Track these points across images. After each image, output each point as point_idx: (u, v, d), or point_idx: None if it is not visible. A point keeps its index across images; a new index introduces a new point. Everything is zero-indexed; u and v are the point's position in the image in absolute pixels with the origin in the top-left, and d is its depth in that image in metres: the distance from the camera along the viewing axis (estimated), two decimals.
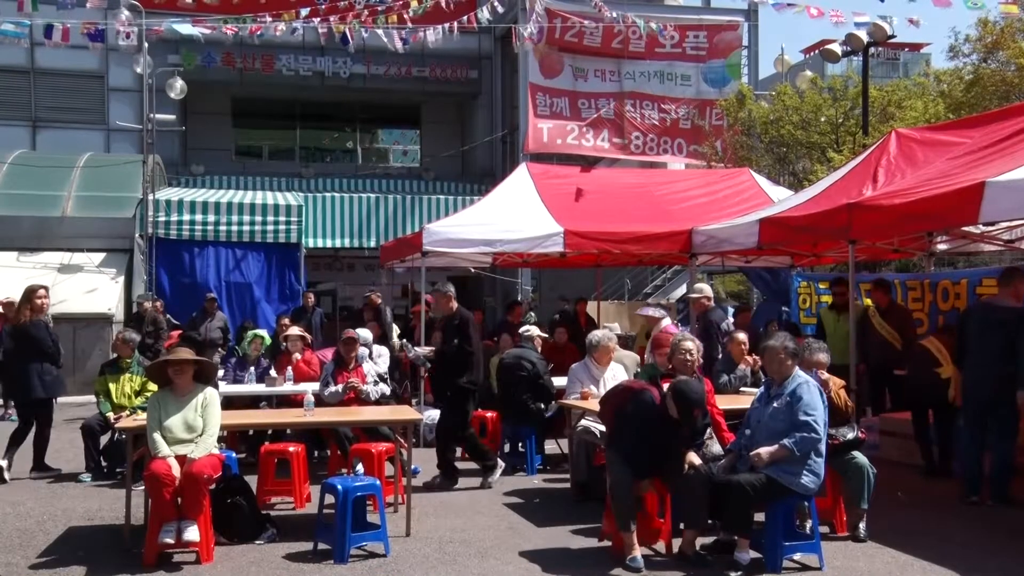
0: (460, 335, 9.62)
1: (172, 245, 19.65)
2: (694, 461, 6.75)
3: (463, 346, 9.61)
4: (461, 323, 9.71)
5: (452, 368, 9.67)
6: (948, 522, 7.92)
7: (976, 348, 8.67)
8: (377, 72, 29.10)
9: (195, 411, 7.24)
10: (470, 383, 9.74)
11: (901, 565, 6.64)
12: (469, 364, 9.71)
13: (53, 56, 26.66)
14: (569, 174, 15.33)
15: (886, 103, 19.85)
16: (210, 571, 6.68)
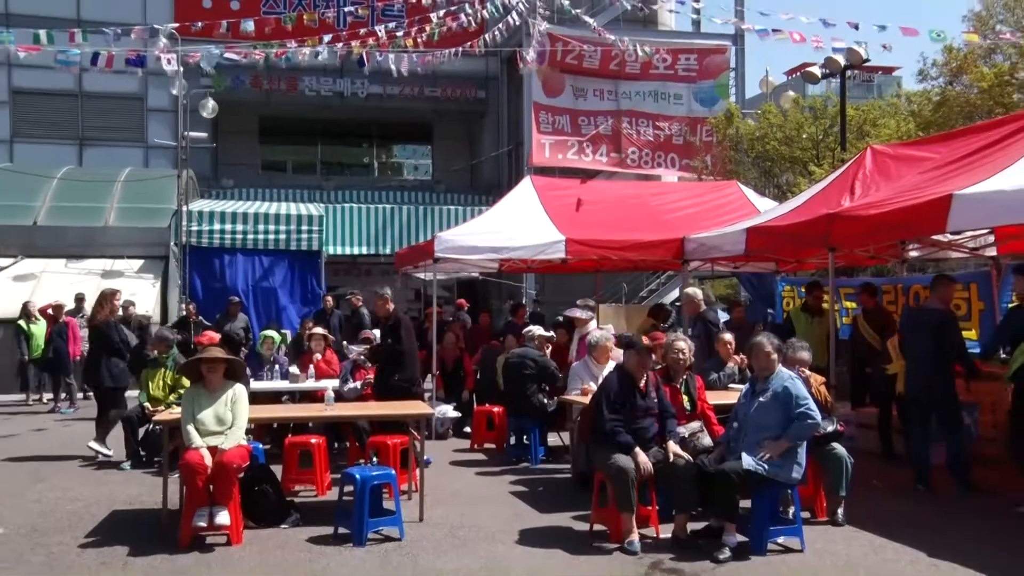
0: (393, 336, 9.57)
1: (204, 252, 19.68)
2: (677, 452, 6.82)
3: (395, 346, 9.54)
4: (395, 325, 9.65)
5: (387, 366, 9.61)
6: (918, 507, 7.96)
7: (910, 351, 8.83)
8: (392, 92, 29.14)
9: (225, 405, 7.29)
10: (403, 380, 9.60)
11: (876, 547, 6.68)
12: (402, 362, 9.60)
13: (98, 81, 26.94)
14: (570, 186, 15.34)
15: (862, 121, 19.90)
16: (239, 552, 6.71)
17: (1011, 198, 7.11)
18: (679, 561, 6.32)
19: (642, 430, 6.94)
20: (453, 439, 12.17)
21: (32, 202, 21.23)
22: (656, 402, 7.08)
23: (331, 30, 19.43)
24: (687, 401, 7.53)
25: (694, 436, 7.22)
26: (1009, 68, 17.35)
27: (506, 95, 30.03)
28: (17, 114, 28.41)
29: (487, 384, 12.33)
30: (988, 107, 16.66)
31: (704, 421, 7.45)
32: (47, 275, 19.12)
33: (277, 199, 24.57)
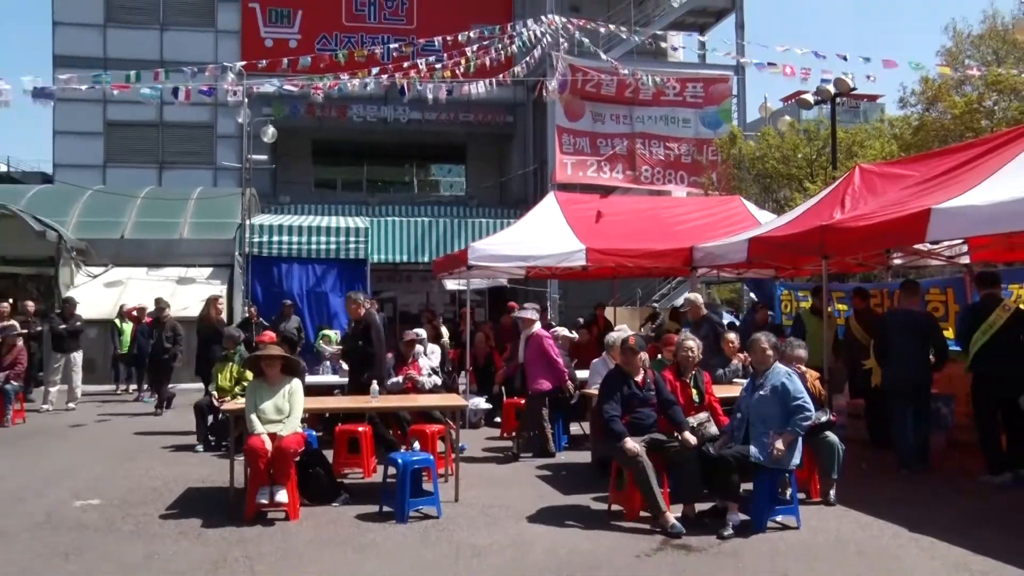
0: (364, 338, 9.37)
1: (264, 261, 19.77)
2: (687, 439, 6.80)
3: (366, 347, 9.35)
4: (366, 327, 9.44)
5: (359, 365, 9.42)
6: (902, 488, 7.94)
7: (897, 349, 8.87)
8: (430, 118, 29.24)
9: (283, 397, 7.34)
10: (373, 378, 9.27)
11: (863, 524, 6.67)
12: (371, 362, 9.41)
13: (176, 112, 27.47)
14: (590, 201, 15.28)
15: (850, 143, 19.94)
16: (296, 527, 6.75)
17: (982, 212, 7.18)
18: (688, 538, 6.29)
19: (641, 418, 6.96)
20: (485, 428, 12.18)
21: (120, 218, 21.53)
22: (653, 394, 7.05)
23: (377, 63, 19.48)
24: (696, 394, 7.50)
25: (702, 426, 7.23)
26: (977, 97, 17.50)
27: (532, 119, 30.04)
28: (110, 143, 29.01)
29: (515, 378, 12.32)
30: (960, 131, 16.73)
31: (711, 412, 7.43)
32: (132, 281, 19.38)
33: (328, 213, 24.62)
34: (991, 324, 8.14)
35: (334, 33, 29.66)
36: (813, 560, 5.83)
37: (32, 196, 21.87)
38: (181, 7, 29.81)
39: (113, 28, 29.17)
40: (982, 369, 8.20)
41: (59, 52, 28.39)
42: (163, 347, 14.02)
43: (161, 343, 14.01)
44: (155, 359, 14.24)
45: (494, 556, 5.97)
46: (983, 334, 8.16)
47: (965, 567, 5.61)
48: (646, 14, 29.12)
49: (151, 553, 6.04)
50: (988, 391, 8.17)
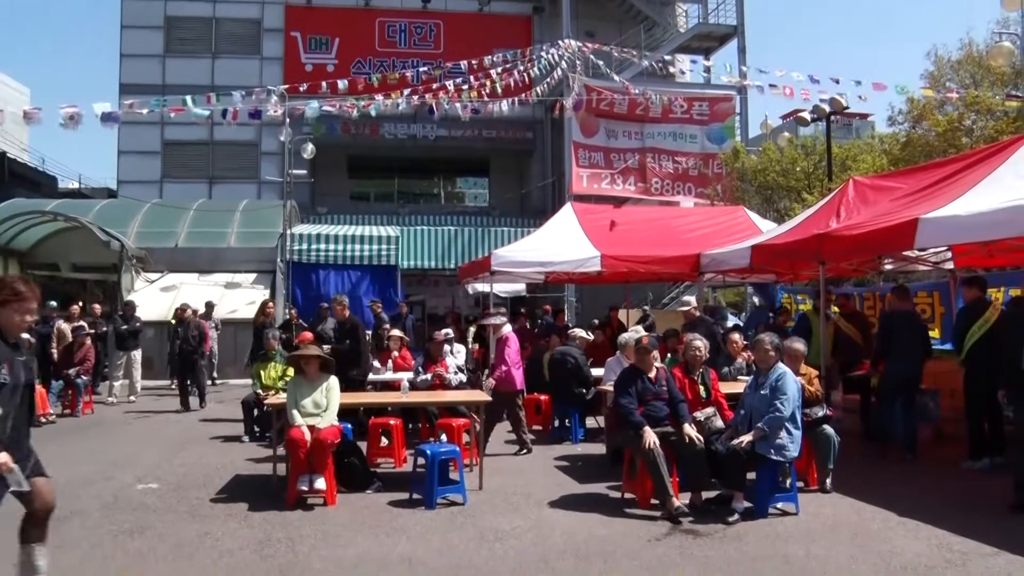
0: (351, 337, 9.30)
1: (304, 267, 19.94)
2: (691, 433, 6.79)
3: (354, 346, 9.30)
4: (352, 327, 9.38)
5: (345, 363, 9.18)
6: (891, 477, 7.92)
7: (898, 347, 8.94)
8: (456, 134, 29.38)
9: (321, 393, 7.39)
10: (359, 375, 9.42)
11: (857, 510, 6.66)
12: (358, 361, 9.37)
13: (224, 132, 27.74)
14: (604, 211, 15.26)
15: (844, 157, 20.03)
16: (334, 511, 6.79)
17: (965, 221, 7.20)
18: (696, 523, 6.28)
19: (654, 411, 6.95)
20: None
21: (174, 228, 21.75)
22: (665, 389, 7.04)
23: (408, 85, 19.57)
24: (703, 390, 7.48)
25: (708, 420, 7.25)
26: (958, 117, 17.55)
27: (550, 136, 30.07)
28: (166, 160, 29.41)
29: (535, 376, 12.33)
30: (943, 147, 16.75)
31: (717, 407, 7.42)
32: (185, 286, 19.56)
33: (362, 223, 24.83)
34: (986, 320, 8.20)
35: (368, 58, 29.84)
36: (810, 543, 5.80)
37: (99, 209, 22.16)
38: (231, 38, 30.14)
39: (171, 58, 29.55)
40: (974, 363, 8.23)
41: (124, 80, 28.82)
42: (190, 345, 13.77)
43: (188, 341, 13.76)
44: (183, 357, 13.94)
45: (516, 539, 5.97)
46: (979, 329, 8.21)
47: (947, 547, 5.62)
48: (655, 38, 29.08)
49: (204, 532, 6.11)
50: (978, 383, 8.17)
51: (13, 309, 4.33)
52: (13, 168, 41.58)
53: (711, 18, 30.77)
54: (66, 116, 14.84)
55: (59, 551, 5.76)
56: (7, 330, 4.35)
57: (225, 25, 30.26)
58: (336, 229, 21.78)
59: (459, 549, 5.78)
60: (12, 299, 4.32)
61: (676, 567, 5.37)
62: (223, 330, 17.84)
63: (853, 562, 5.40)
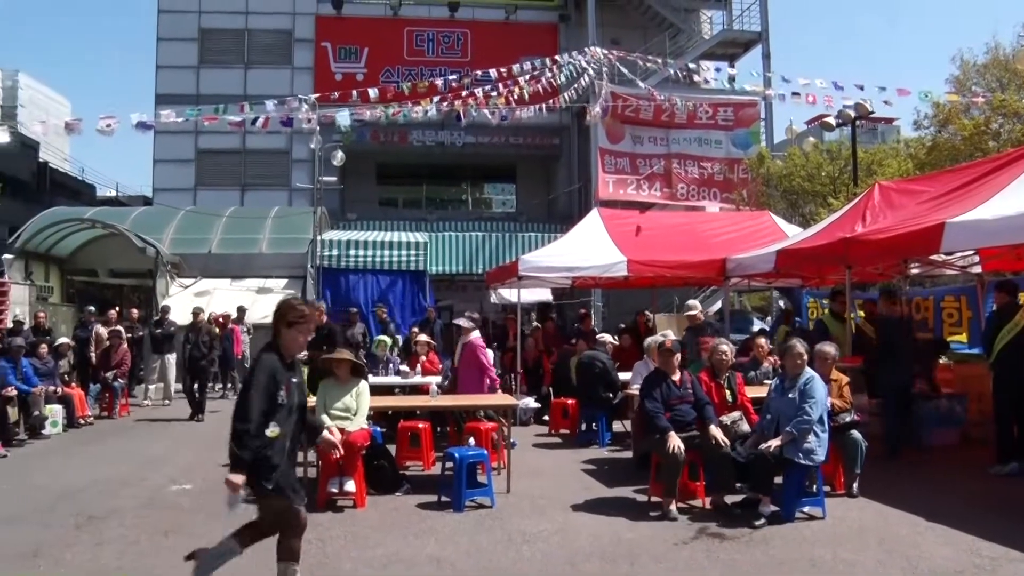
0: (328, 342, 9.13)
1: (334, 273, 20.04)
2: (717, 436, 6.75)
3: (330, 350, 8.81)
4: (329, 332, 9.20)
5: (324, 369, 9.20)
6: (918, 481, 7.83)
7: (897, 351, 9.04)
8: (483, 141, 29.44)
9: (352, 396, 7.44)
10: None
11: (884, 514, 6.58)
12: None
13: (256, 140, 28.09)
14: (630, 216, 15.23)
15: (870, 162, 19.85)
16: (363, 513, 6.84)
17: (992, 225, 7.14)
18: (722, 527, 6.25)
19: (680, 415, 6.94)
20: (534, 426, 12.17)
21: (208, 235, 22.01)
22: (690, 392, 7.02)
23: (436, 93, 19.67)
24: (729, 394, 7.45)
25: (734, 424, 7.22)
26: (984, 121, 17.33)
27: (576, 142, 30.03)
28: (200, 168, 29.75)
29: (562, 380, 12.31)
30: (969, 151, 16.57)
31: (743, 411, 7.37)
32: (218, 291, 19.77)
33: (391, 229, 24.91)
34: (1016, 323, 8.09)
35: (396, 67, 30.00)
36: (837, 547, 5.74)
37: (135, 217, 22.50)
38: (262, 48, 30.48)
39: (205, 68, 29.95)
40: (1003, 366, 8.13)
41: (160, 91, 29.24)
42: (200, 351, 13.27)
43: (199, 347, 13.28)
44: (192, 363, 13.25)
45: (543, 542, 5.97)
46: (1008, 332, 8.11)
47: (976, 552, 5.54)
48: (680, 45, 28.98)
49: None
50: (1007, 387, 8.07)
51: (298, 331, 4.43)
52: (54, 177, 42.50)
53: (735, 24, 30.60)
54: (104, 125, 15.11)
55: (98, 547, 5.88)
56: (288, 351, 4.45)
57: (257, 36, 30.61)
58: (365, 235, 21.89)
59: (486, 551, 5.79)
60: (298, 321, 4.43)
61: (702, 570, 5.34)
62: (255, 334, 18.00)
63: (881, 567, 5.34)
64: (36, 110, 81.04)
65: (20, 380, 11.01)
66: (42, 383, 11.42)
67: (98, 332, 14.31)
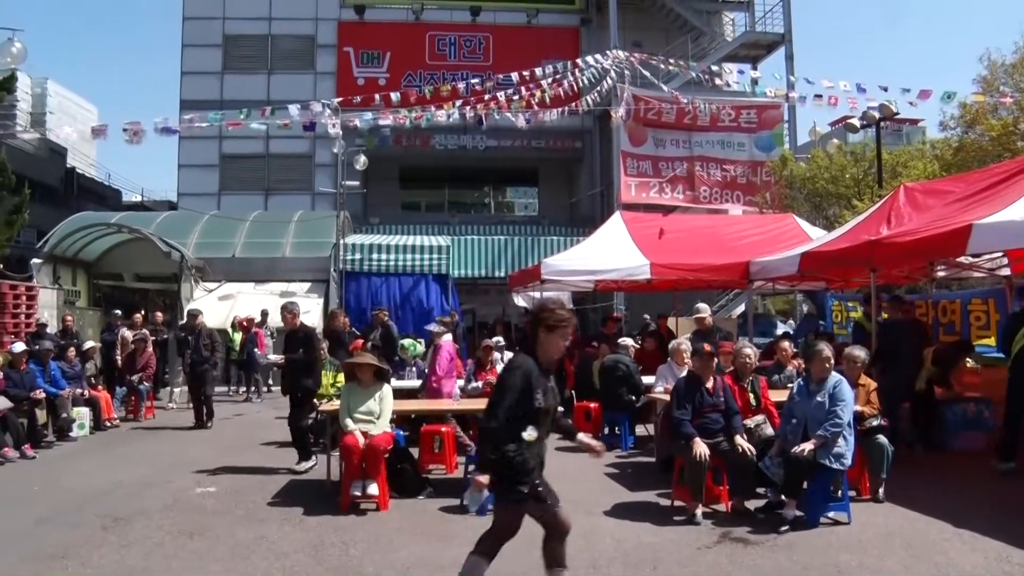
0: (304, 346, 8.97)
1: (357, 276, 20.13)
2: (743, 446, 6.72)
3: (308, 355, 8.96)
4: (305, 336, 9.07)
5: (299, 373, 9.02)
6: (946, 486, 7.74)
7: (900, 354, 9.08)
8: (505, 145, 29.49)
9: (375, 400, 7.48)
10: (315, 384, 9.15)
11: (910, 520, 6.51)
12: (313, 370, 9.08)
13: (280, 145, 28.39)
14: (653, 219, 15.20)
15: (895, 164, 19.70)
16: (386, 516, 6.87)
17: (1021, 227, 7.04)
18: (746, 532, 6.21)
19: (710, 423, 6.90)
20: None
21: (232, 239, 22.16)
22: (723, 401, 6.98)
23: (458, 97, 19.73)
24: (753, 398, 7.42)
25: (758, 428, 7.21)
26: (1012, 121, 17.10)
27: (598, 145, 30.01)
28: (224, 173, 30.07)
29: (584, 383, 12.29)
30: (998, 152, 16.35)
31: (767, 415, 7.33)
32: (242, 295, 19.91)
33: (413, 233, 25.00)
34: None
35: (419, 71, 30.15)
36: (863, 553, 5.68)
37: (160, 221, 22.73)
38: (286, 54, 30.76)
39: (229, 74, 30.26)
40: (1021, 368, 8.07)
41: (185, 97, 29.58)
42: (201, 356, 12.88)
43: (199, 351, 12.89)
44: (193, 368, 12.84)
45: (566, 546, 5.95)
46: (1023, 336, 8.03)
47: (1006, 559, 5.46)
48: (702, 47, 28.86)
49: (260, 536, 6.23)
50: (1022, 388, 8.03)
51: (559, 335, 4.36)
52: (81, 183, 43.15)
53: (758, 26, 30.43)
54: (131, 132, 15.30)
55: (124, 549, 5.95)
56: (546, 355, 4.37)
57: (280, 42, 30.88)
58: (388, 239, 21.98)
59: (508, 555, 5.75)
60: (558, 325, 4.35)
61: (726, 575, 5.31)
62: (278, 338, 18.13)
63: (907, 572, 5.28)
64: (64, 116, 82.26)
65: (48, 383, 11.20)
66: (70, 386, 11.61)
67: (123, 336, 14.47)
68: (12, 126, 53.53)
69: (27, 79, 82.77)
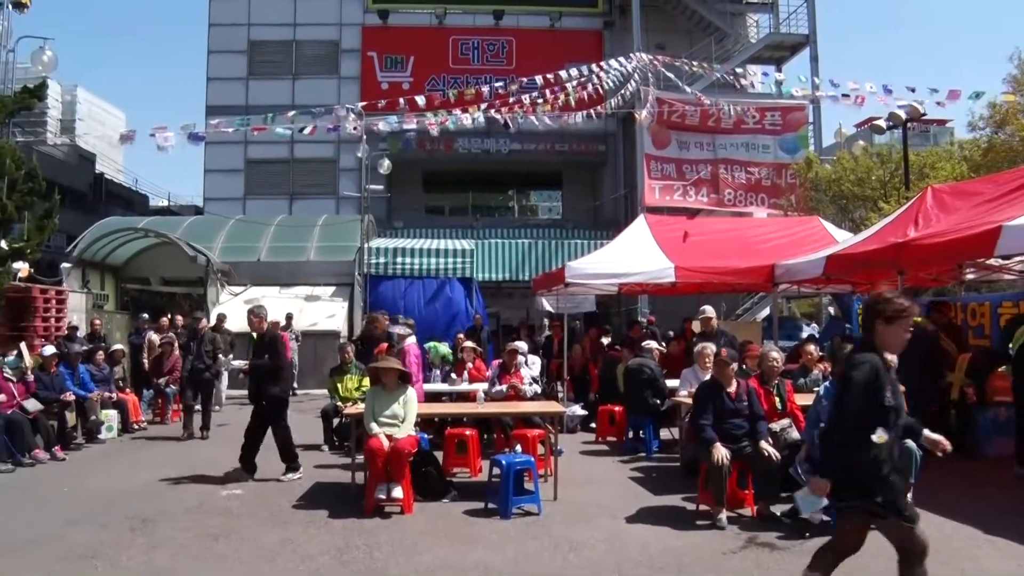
0: (270, 351, 8.71)
1: (381, 280, 20.25)
2: (768, 451, 6.69)
3: (274, 360, 8.67)
4: (271, 340, 8.80)
5: (265, 379, 8.68)
6: (975, 493, 7.62)
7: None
8: (529, 148, 29.53)
9: (399, 404, 7.51)
10: (282, 391, 8.84)
11: (939, 526, 6.38)
12: (280, 375, 8.79)
13: (304, 150, 28.64)
14: (677, 222, 15.09)
15: (922, 165, 19.31)
16: (410, 519, 6.88)
17: None
18: (772, 536, 6.16)
19: (732, 428, 6.87)
20: (581, 433, 12.13)
21: (257, 243, 22.39)
22: (746, 406, 6.93)
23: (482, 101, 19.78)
24: (778, 402, 7.36)
25: (783, 431, 7.14)
26: None
27: (622, 148, 29.96)
28: (249, 178, 30.39)
29: (609, 387, 12.26)
30: None
31: (792, 419, 7.27)
32: (267, 299, 20.03)
33: (437, 237, 25.07)
34: None
35: (442, 75, 30.26)
36: (891, 558, 5.56)
37: (187, 226, 23.00)
38: (310, 59, 31.03)
39: (254, 80, 30.58)
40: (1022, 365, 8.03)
41: (211, 103, 29.93)
42: (203, 362, 12.16)
43: (201, 357, 12.14)
44: (193, 375, 12.06)
45: (590, 550, 5.95)
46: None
47: None
48: (726, 49, 28.70)
49: (285, 538, 6.27)
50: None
51: (899, 326, 4.06)
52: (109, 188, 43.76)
53: (782, 27, 30.22)
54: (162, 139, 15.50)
55: (152, 550, 6.02)
56: (889, 348, 4.10)
57: (305, 47, 31.16)
58: (412, 243, 22.07)
59: (533, 558, 5.79)
60: (898, 316, 4.04)
61: None
62: (303, 342, 18.26)
63: None
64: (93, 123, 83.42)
65: (77, 386, 11.36)
66: (98, 389, 11.77)
67: (150, 339, 14.63)
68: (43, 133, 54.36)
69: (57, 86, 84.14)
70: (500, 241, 25.30)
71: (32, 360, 11.23)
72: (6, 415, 9.61)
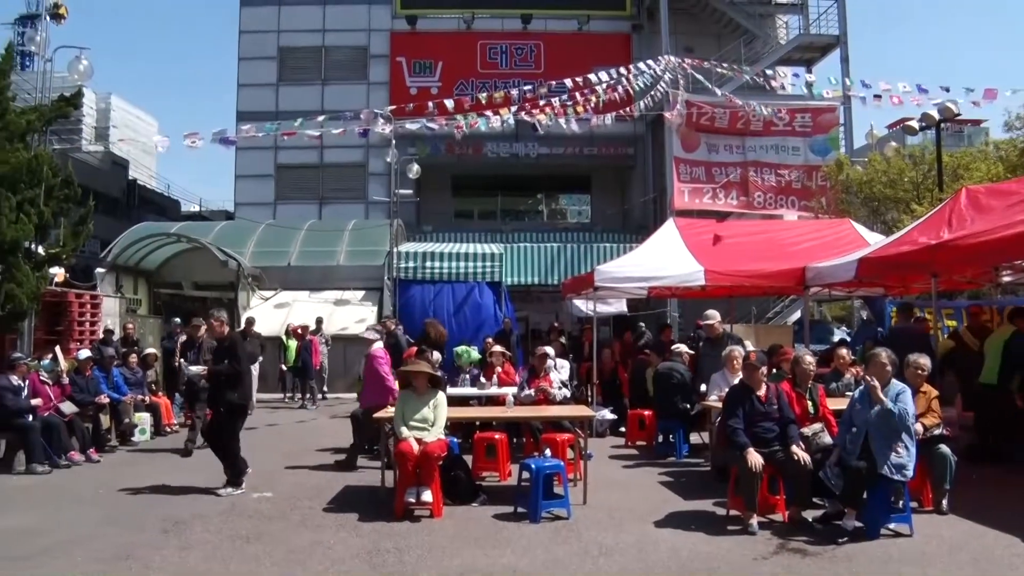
0: (229, 356, 8.51)
1: (410, 284, 20.31)
2: (799, 455, 6.61)
3: (232, 365, 8.45)
4: (231, 345, 8.60)
5: (224, 385, 8.48)
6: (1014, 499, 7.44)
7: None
8: (558, 152, 29.52)
9: (429, 408, 7.54)
10: (240, 398, 8.61)
11: (976, 533, 6.30)
12: (241, 380, 8.59)
13: (333, 155, 28.90)
14: (707, 226, 15.01)
15: (956, 166, 18.95)
16: (440, 523, 6.90)
17: None
18: (804, 542, 6.09)
19: (762, 432, 6.81)
20: (610, 437, 12.08)
21: (287, 248, 22.61)
22: (776, 409, 6.87)
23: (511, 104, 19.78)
24: (811, 406, 7.28)
25: (816, 436, 7.06)
26: None
27: (651, 151, 29.81)
28: (279, 183, 30.68)
29: (638, 391, 12.20)
30: None
31: (824, 423, 7.19)
32: (297, 303, 20.27)
33: (466, 241, 25.05)
34: None
35: (470, 79, 30.33)
36: (926, 566, 5.52)
37: (218, 231, 23.30)
38: (339, 65, 31.28)
39: (284, 86, 30.90)
40: None
41: (241, 109, 30.29)
42: None
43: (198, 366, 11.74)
44: (191, 387, 11.64)
45: (620, 555, 5.93)
46: None
47: None
48: (756, 51, 28.47)
49: (316, 541, 6.32)
50: None
51: None
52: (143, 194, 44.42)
53: (812, 28, 29.91)
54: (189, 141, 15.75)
55: (184, 551, 6.10)
56: None
57: (334, 53, 31.42)
58: (441, 247, 22.11)
59: (563, 562, 5.78)
60: None
61: None
62: (333, 345, 18.40)
63: None
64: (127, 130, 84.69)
65: (112, 389, 11.54)
66: (132, 392, 11.95)
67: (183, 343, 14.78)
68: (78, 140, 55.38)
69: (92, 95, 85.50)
70: (529, 245, 25.30)
71: (67, 364, 11.44)
72: (43, 418, 9.81)
